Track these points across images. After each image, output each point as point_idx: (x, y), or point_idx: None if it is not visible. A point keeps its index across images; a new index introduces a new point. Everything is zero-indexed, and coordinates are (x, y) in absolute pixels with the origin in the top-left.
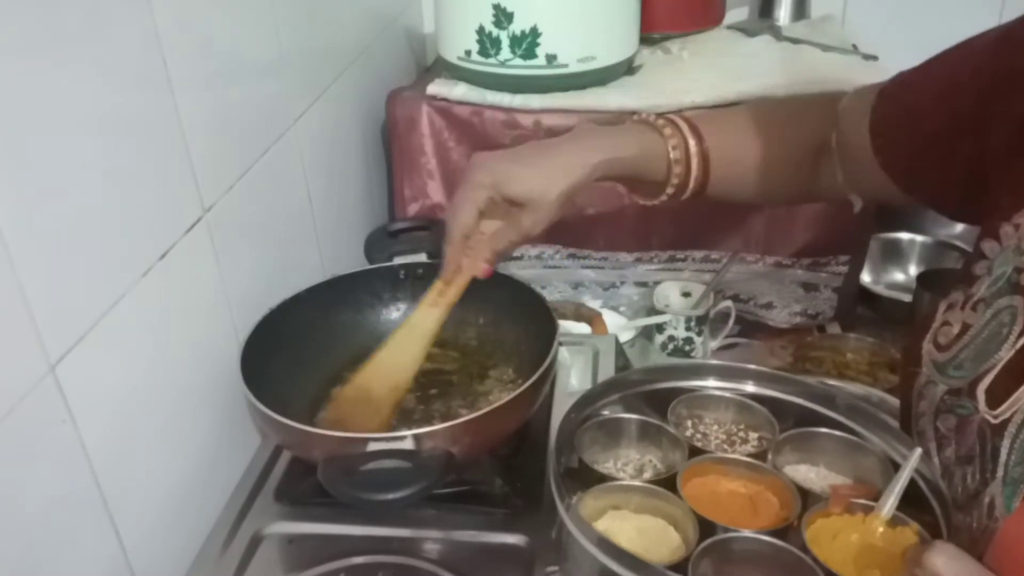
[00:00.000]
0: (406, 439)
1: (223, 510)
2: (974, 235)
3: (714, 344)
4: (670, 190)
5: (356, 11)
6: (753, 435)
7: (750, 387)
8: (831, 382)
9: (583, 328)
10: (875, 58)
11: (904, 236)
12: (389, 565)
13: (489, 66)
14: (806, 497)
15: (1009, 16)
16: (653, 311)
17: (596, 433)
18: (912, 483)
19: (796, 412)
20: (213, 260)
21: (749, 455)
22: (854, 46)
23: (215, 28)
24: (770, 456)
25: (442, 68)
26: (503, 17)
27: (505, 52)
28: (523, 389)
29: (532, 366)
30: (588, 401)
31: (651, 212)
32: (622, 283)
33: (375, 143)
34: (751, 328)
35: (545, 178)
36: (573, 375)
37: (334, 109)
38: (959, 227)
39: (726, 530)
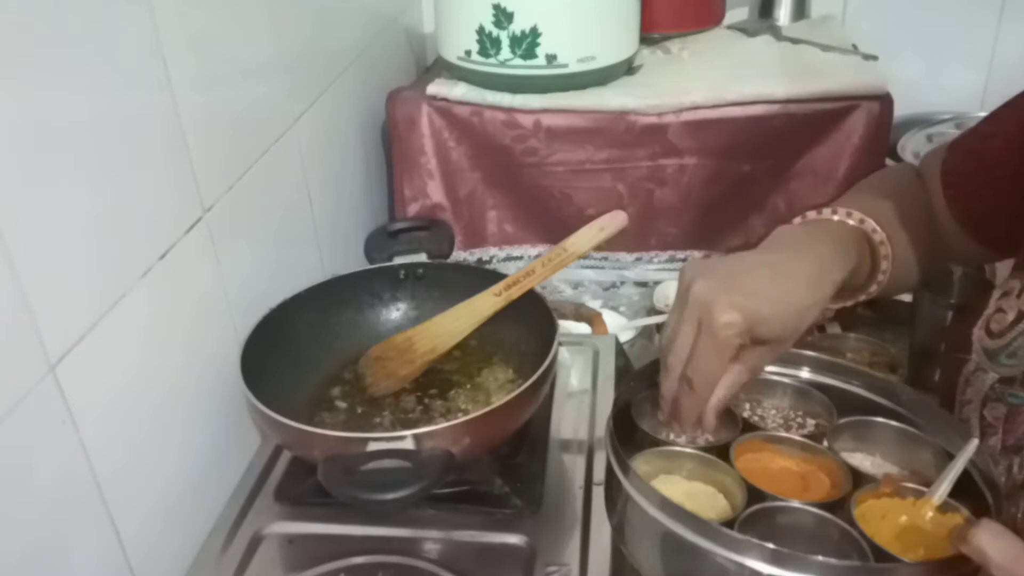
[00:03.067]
0: (406, 439)
1: (223, 510)
2: None
3: None
4: (873, 288)
5: (356, 11)
6: (811, 421)
7: (816, 375)
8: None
9: (583, 328)
10: (875, 58)
11: None
12: (389, 565)
13: (489, 66)
14: (858, 479)
15: (1009, 16)
16: (653, 311)
17: (651, 405)
18: (966, 474)
19: (855, 401)
20: (213, 260)
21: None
22: (854, 46)
23: (215, 28)
24: (826, 441)
25: (442, 68)
26: (503, 17)
27: (505, 52)
28: (523, 389)
29: (532, 366)
30: (647, 373)
31: (651, 212)
32: (622, 283)
33: (375, 143)
34: None
35: (796, 314)
36: (573, 375)
37: (334, 109)
38: None
39: (774, 499)
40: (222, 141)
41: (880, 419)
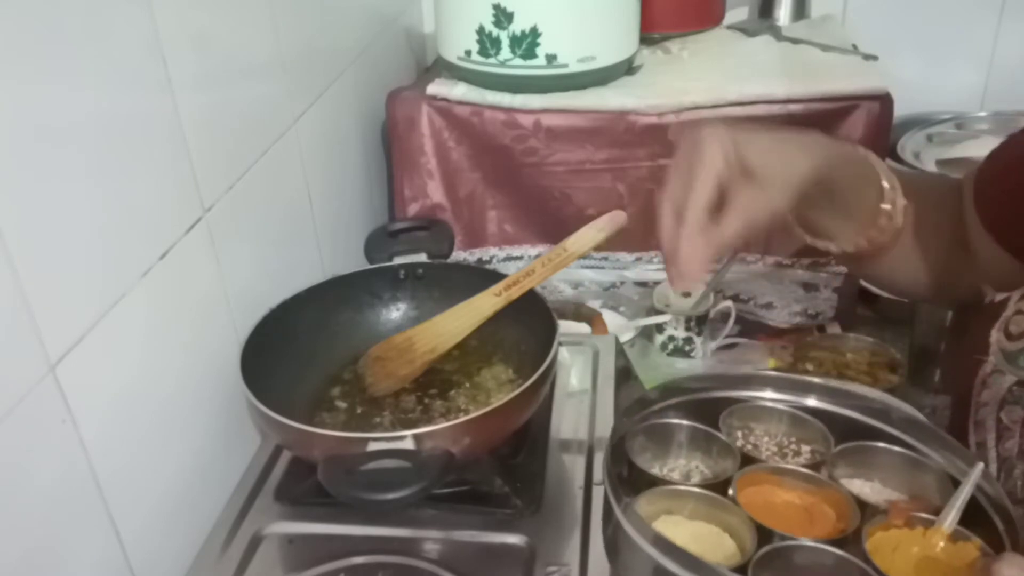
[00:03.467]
0: (406, 439)
1: (223, 510)
2: None
3: (714, 344)
4: (883, 221)
5: (356, 11)
6: (806, 448)
7: (808, 400)
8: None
9: (583, 328)
10: (875, 58)
11: None
12: (389, 565)
13: (489, 66)
14: (864, 510)
15: (1009, 16)
16: (653, 311)
17: (644, 438)
18: (973, 500)
19: (850, 426)
20: (213, 260)
21: (804, 467)
22: (854, 46)
23: (215, 28)
24: (824, 469)
25: (442, 68)
26: (503, 17)
27: (505, 52)
28: (523, 389)
29: (532, 366)
30: (641, 406)
31: (651, 212)
32: (622, 283)
33: (375, 143)
34: (751, 328)
35: (786, 153)
36: (573, 375)
37: (334, 109)
38: None
39: (784, 538)
40: (222, 141)
41: (879, 444)
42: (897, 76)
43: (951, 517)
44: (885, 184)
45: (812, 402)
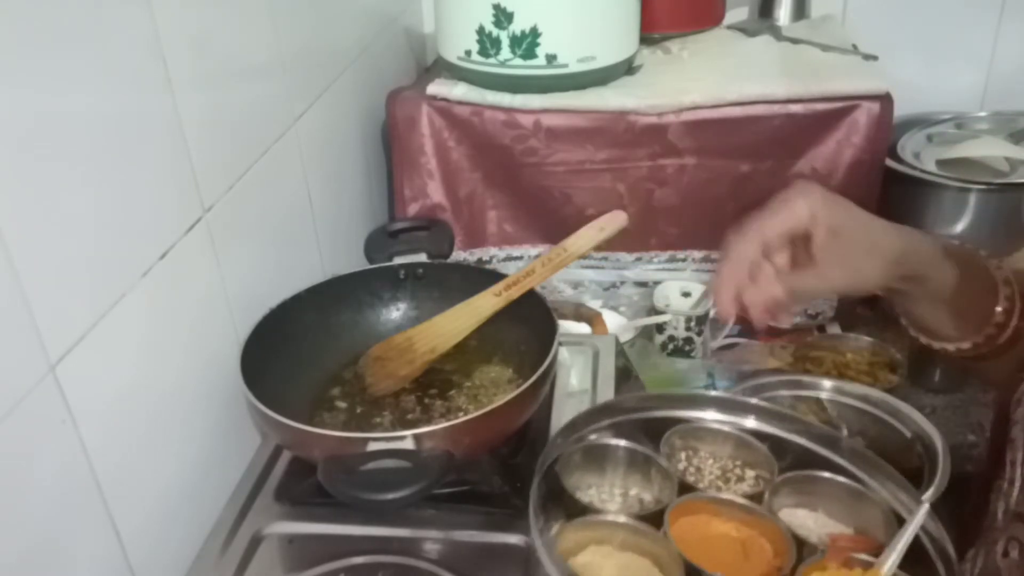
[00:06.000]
0: (406, 439)
1: (223, 510)
2: (978, 236)
3: (714, 344)
4: (999, 319)
5: (356, 11)
6: (750, 473)
7: (750, 422)
8: (832, 381)
9: (583, 328)
10: (875, 58)
11: None
12: (389, 565)
13: (489, 66)
14: (802, 547)
15: (1009, 16)
16: (653, 311)
17: (581, 459)
18: (916, 540)
19: (797, 452)
20: (213, 260)
21: (745, 495)
22: (854, 46)
23: (215, 28)
24: (766, 497)
25: (442, 68)
26: (503, 17)
27: (505, 52)
28: (523, 389)
29: (532, 366)
30: (578, 425)
31: (651, 212)
32: (622, 283)
33: (375, 143)
34: (751, 328)
35: (877, 224)
36: (573, 375)
37: (334, 109)
38: (959, 228)
39: None
40: (222, 141)
41: (824, 474)
42: (897, 76)
43: (891, 560)
44: (1002, 287)
45: (758, 425)
